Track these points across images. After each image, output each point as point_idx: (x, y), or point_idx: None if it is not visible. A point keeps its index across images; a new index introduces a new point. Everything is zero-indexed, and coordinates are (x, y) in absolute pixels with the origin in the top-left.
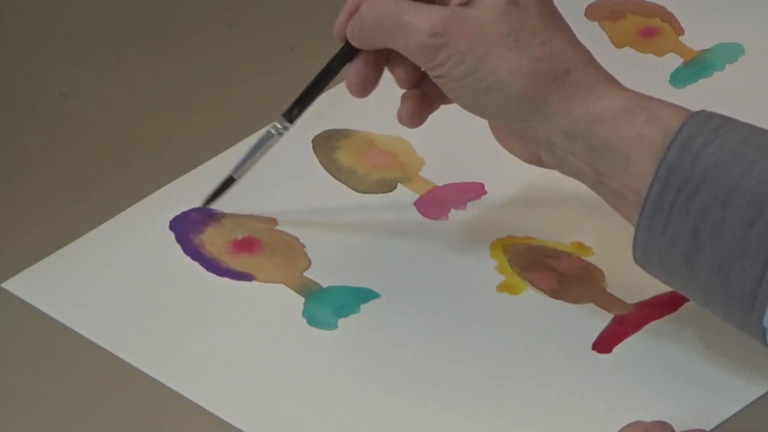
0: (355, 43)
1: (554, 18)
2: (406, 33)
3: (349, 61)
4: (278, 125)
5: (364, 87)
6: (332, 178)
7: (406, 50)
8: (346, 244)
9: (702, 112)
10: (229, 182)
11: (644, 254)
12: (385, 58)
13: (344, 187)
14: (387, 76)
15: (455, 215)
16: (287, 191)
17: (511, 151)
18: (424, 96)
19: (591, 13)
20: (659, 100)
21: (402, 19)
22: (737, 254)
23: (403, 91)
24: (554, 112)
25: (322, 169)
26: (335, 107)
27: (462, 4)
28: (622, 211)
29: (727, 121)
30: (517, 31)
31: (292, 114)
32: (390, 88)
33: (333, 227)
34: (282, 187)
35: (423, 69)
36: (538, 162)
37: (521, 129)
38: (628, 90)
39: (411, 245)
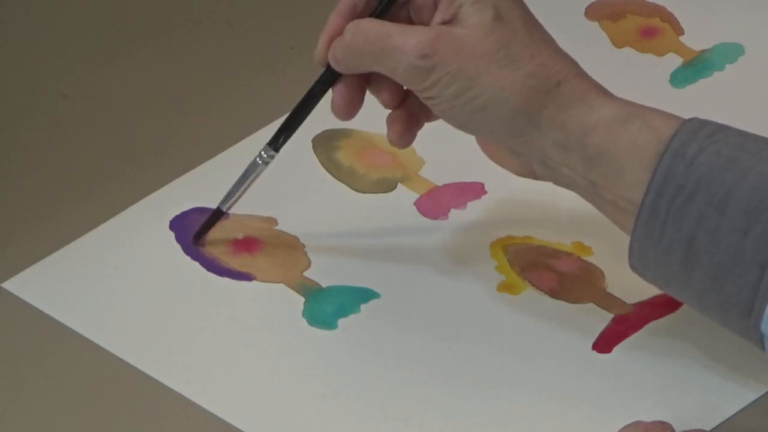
0: (338, 69)
1: (538, 30)
2: (393, 57)
3: (331, 85)
4: (264, 154)
5: (349, 110)
6: (332, 178)
7: (395, 74)
8: (346, 244)
9: (695, 119)
10: (217, 215)
11: (640, 262)
12: (367, 80)
13: (344, 187)
14: None
15: (455, 215)
16: (287, 191)
17: (501, 165)
18: (410, 116)
19: (591, 13)
20: (652, 109)
21: (389, 43)
22: (733, 261)
23: (389, 112)
24: (549, 125)
25: (322, 169)
26: None
27: (445, 23)
28: (617, 220)
29: (720, 128)
30: (506, 47)
31: (278, 143)
32: None
33: (333, 227)
34: (282, 187)
35: (414, 91)
36: (531, 175)
37: (515, 144)
38: (620, 99)
39: (411, 245)
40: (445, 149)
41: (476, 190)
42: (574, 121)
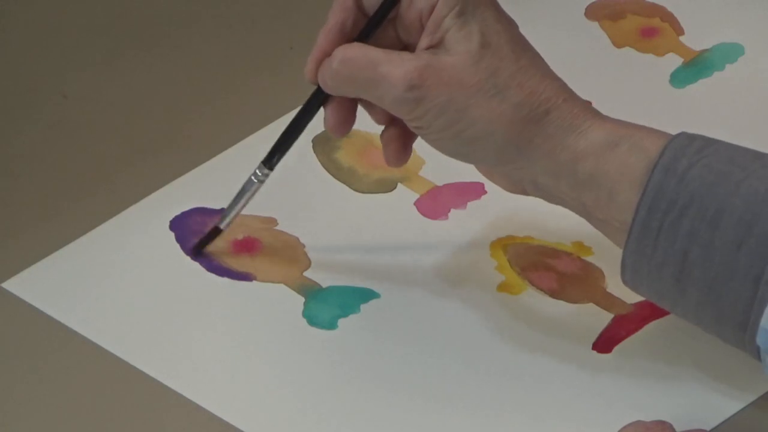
0: (329, 92)
1: (526, 52)
2: (381, 86)
3: (323, 103)
4: (258, 173)
5: (342, 128)
6: (332, 178)
7: (383, 103)
8: (346, 244)
9: (682, 134)
10: (215, 233)
11: (633, 277)
12: (358, 97)
13: (344, 187)
14: None
15: (455, 215)
16: (287, 191)
17: (493, 182)
18: (403, 132)
19: (591, 13)
20: (641, 128)
21: (376, 73)
22: (727, 275)
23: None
24: (538, 154)
25: (322, 169)
26: None
27: (431, 47)
28: (610, 236)
29: (709, 142)
30: (494, 77)
31: (272, 161)
32: None
33: (333, 227)
34: (282, 187)
35: (402, 120)
36: (522, 192)
37: (505, 170)
38: (609, 120)
39: (411, 245)
40: None
41: (476, 190)
42: (564, 150)
